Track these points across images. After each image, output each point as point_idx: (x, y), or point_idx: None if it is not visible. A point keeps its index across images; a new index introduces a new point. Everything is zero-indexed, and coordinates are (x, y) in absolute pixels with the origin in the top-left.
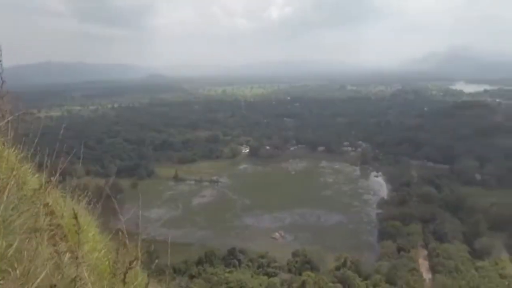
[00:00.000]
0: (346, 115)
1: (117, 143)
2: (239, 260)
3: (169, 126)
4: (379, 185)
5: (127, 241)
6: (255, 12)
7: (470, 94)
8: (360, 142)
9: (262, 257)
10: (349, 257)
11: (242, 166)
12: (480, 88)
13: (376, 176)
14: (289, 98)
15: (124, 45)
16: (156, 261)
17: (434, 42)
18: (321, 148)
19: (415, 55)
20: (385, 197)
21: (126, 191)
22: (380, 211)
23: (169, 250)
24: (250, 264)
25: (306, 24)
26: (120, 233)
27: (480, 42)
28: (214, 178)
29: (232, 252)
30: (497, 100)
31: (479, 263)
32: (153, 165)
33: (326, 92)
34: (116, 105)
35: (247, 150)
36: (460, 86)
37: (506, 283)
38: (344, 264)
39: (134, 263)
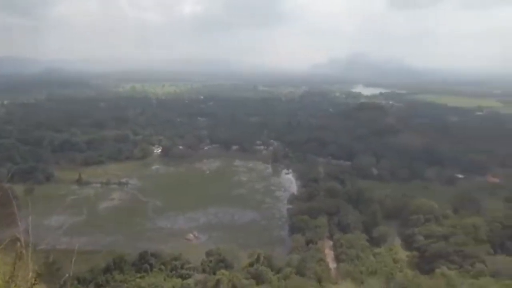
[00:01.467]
0: (259, 114)
1: (9, 144)
2: (151, 264)
3: (71, 125)
4: (289, 181)
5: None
6: (165, 7)
7: (368, 96)
8: (272, 141)
9: (175, 259)
10: (262, 253)
11: (154, 167)
12: (376, 91)
13: (287, 173)
14: (202, 97)
15: (18, 36)
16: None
17: (337, 47)
18: (235, 147)
19: (321, 59)
20: (295, 193)
21: (20, 197)
22: (290, 206)
23: (73, 259)
24: (162, 267)
25: (218, 23)
26: (13, 244)
27: (376, 50)
28: (124, 180)
29: (143, 256)
30: (390, 102)
31: (377, 250)
32: (53, 168)
33: (239, 92)
34: (6, 102)
35: (159, 150)
36: (359, 89)
37: (399, 266)
38: (257, 260)
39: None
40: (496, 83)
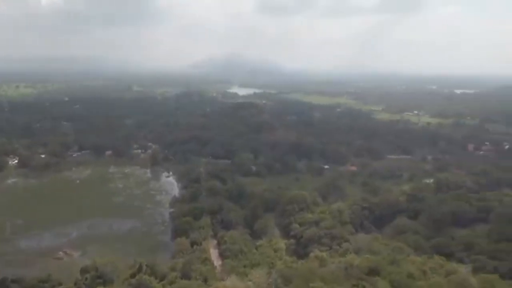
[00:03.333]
0: (134, 116)
1: None
2: None
3: None
4: (171, 184)
5: None
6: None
7: (243, 96)
8: (150, 143)
9: (44, 281)
10: (144, 262)
11: (10, 181)
12: (250, 91)
13: (168, 176)
14: (67, 99)
15: None
16: None
17: (213, 48)
18: (108, 153)
19: (198, 59)
20: (177, 196)
21: None
22: (172, 209)
23: None
24: None
25: (83, 18)
26: None
27: (250, 51)
28: None
29: (2, 284)
30: (264, 101)
31: (259, 243)
32: None
33: (111, 93)
34: None
35: (15, 161)
36: (235, 89)
37: (279, 255)
38: (139, 270)
39: None
40: (350, 83)
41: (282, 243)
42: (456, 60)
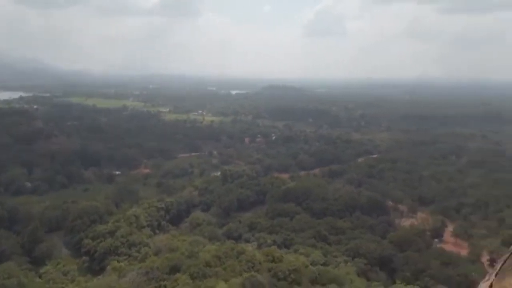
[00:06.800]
0: None
1: None
2: None
3: None
4: None
5: None
6: None
7: (6, 101)
8: None
9: None
10: None
11: None
12: (15, 95)
13: None
14: None
15: None
16: None
17: None
18: None
19: None
20: None
21: None
22: None
23: None
24: None
25: None
26: None
27: (7, 47)
28: None
29: None
30: (35, 106)
31: (43, 269)
32: None
33: None
34: None
35: None
36: None
37: (69, 277)
38: None
39: None
40: (136, 84)
41: (72, 264)
42: (227, 64)
